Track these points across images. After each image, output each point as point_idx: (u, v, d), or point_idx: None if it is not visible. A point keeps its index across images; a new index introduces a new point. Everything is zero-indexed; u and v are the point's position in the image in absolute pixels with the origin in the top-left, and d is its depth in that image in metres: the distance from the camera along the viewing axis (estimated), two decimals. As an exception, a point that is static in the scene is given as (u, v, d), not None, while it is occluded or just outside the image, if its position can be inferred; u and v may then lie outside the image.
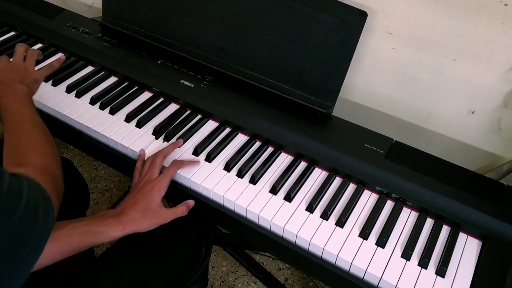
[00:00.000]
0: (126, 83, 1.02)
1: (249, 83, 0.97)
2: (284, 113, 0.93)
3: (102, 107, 0.95)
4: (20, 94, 0.81)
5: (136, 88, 1.01)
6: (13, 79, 0.84)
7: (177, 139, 0.89)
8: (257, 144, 0.91)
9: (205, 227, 0.92)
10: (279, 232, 0.77)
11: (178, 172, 0.82)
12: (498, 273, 0.70)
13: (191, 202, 0.81)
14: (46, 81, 1.01)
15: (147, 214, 0.75)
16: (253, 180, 0.82)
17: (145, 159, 0.84)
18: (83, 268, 0.81)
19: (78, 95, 0.97)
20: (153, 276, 0.80)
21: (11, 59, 0.91)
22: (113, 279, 0.78)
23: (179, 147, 0.87)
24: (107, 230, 0.72)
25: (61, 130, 0.95)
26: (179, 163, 0.82)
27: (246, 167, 0.84)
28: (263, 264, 1.45)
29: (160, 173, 0.80)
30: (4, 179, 0.50)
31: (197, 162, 0.85)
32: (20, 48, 0.93)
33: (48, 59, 1.08)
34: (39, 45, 1.13)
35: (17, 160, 0.66)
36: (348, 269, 0.72)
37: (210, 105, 0.95)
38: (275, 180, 0.83)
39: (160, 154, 0.83)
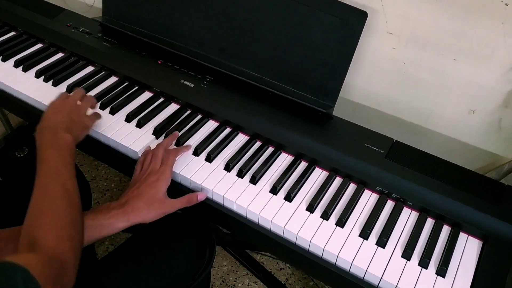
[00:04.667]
0: (126, 83, 1.02)
1: (250, 83, 0.97)
2: (284, 113, 0.93)
3: (102, 107, 0.95)
4: (63, 146, 0.74)
5: (136, 88, 1.01)
6: (61, 124, 0.78)
7: (177, 139, 0.89)
8: (258, 144, 0.91)
9: (208, 230, 0.92)
10: (279, 232, 0.77)
11: (178, 172, 0.83)
12: (498, 273, 0.70)
13: (201, 195, 0.80)
14: (46, 81, 1.01)
15: (153, 205, 0.76)
16: (254, 180, 0.82)
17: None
18: (84, 271, 0.81)
19: (79, 95, 0.97)
20: (155, 280, 0.79)
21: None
22: (115, 283, 0.77)
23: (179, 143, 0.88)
24: (112, 223, 0.72)
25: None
26: (175, 151, 0.84)
27: (246, 167, 0.84)
28: (263, 263, 1.45)
29: None
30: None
31: (188, 146, 0.87)
32: (78, 91, 0.89)
33: (49, 59, 1.08)
34: (39, 45, 1.13)
35: (32, 236, 0.61)
36: (348, 269, 0.72)
37: (210, 105, 0.95)
38: (276, 180, 0.83)
39: (161, 146, 0.84)
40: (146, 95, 1.00)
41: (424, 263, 0.72)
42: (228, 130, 0.93)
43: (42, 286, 0.52)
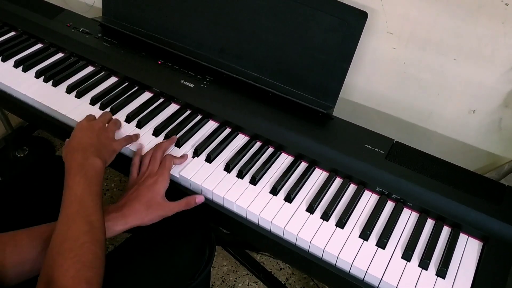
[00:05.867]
0: (126, 84, 1.02)
1: (250, 84, 0.97)
2: (284, 113, 0.93)
3: (102, 108, 0.95)
4: (91, 172, 0.72)
5: (136, 88, 1.01)
6: (91, 146, 0.76)
7: (177, 140, 0.89)
8: (258, 144, 0.90)
9: (207, 230, 0.92)
10: (279, 233, 0.77)
11: (178, 172, 0.83)
12: (499, 274, 0.70)
13: (199, 198, 0.80)
14: (46, 81, 1.01)
15: (151, 207, 0.75)
16: (254, 181, 0.82)
17: (143, 154, 0.85)
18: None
19: (79, 96, 0.97)
20: (155, 280, 0.79)
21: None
22: (115, 282, 0.77)
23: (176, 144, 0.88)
24: (110, 225, 0.72)
25: (62, 131, 0.95)
26: (172, 156, 0.83)
27: (246, 168, 0.84)
28: (263, 263, 1.45)
29: None
30: None
31: (186, 156, 0.86)
32: (106, 114, 0.88)
33: (49, 59, 1.08)
34: (39, 45, 1.13)
35: (51, 274, 0.60)
36: (348, 270, 0.72)
37: (210, 106, 0.95)
38: (276, 181, 0.82)
39: (159, 148, 0.84)
40: (146, 95, 1.00)
41: (424, 264, 0.71)
42: (228, 130, 0.93)
43: None
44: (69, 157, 0.74)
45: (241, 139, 0.91)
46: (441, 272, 0.70)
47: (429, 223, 0.78)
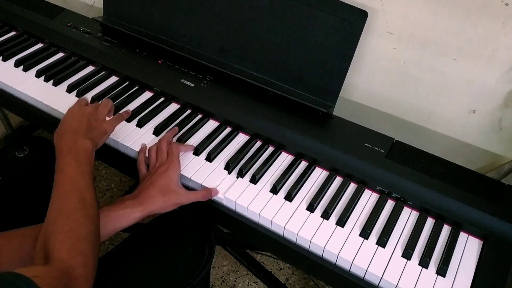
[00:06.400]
0: (127, 83, 1.02)
1: (250, 83, 0.97)
2: (284, 112, 0.93)
3: (102, 107, 0.95)
4: (81, 154, 0.72)
5: (136, 88, 1.01)
6: (80, 129, 0.76)
7: (177, 139, 0.89)
8: (258, 143, 0.91)
9: (207, 229, 0.92)
10: (279, 231, 0.77)
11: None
12: (499, 272, 0.70)
13: (215, 191, 0.80)
14: (46, 81, 1.01)
15: (167, 194, 0.76)
16: (254, 180, 0.82)
17: (147, 149, 0.86)
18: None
19: (79, 95, 0.98)
20: (154, 279, 0.79)
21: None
22: (114, 282, 0.77)
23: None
24: (128, 212, 0.73)
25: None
26: (177, 144, 0.85)
27: (246, 167, 0.84)
28: (263, 263, 1.45)
29: None
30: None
31: (192, 145, 0.87)
32: (97, 103, 0.86)
33: (49, 59, 1.08)
34: (39, 45, 1.13)
35: (47, 248, 0.61)
36: (348, 268, 0.72)
37: (210, 105, 0.95)
38: (276, 180, 0.83)
39: (163, 140, 0.85)
40: (147, 95, 1.00)
41: (424, 262, 0.72)
42: (228, 129, 0.93)
43: None
44: (59, 140, 0.74)
45: (241, 138, 0.91)
46: (441, 271, 0.70)
47: (429, 222, 0.78)
